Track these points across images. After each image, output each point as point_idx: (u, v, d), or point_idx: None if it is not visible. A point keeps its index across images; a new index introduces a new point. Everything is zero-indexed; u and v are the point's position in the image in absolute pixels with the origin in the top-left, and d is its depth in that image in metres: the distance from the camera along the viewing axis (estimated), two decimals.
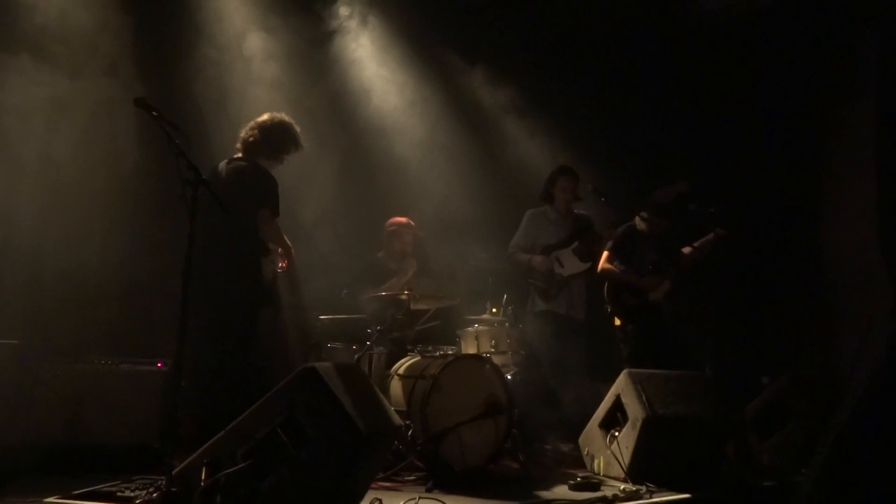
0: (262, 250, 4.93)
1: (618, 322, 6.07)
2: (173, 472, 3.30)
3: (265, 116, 5.19)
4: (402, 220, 6.37)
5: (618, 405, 4.87)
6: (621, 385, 4.89)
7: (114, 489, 3.80)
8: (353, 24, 6.96)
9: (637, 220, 6.11)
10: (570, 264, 6.09)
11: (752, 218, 7.23)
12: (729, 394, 5.32)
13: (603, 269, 6.11)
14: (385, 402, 4.16)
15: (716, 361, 6.16)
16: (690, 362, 5.95)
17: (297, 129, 5.23)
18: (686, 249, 6.09)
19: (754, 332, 7.38)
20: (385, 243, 6.38)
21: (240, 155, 5.15)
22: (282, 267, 5.01)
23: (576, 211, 6.31)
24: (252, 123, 5.18)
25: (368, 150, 6.92)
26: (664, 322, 6.03)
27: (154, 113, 3.76)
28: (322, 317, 5.68)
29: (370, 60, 7.05)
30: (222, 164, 5.09)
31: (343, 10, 6.92)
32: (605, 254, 6.15)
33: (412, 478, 4.61)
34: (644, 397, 4.69)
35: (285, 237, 5.02)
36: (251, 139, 5.11)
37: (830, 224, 7.57)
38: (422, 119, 7.01)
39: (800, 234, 7.67)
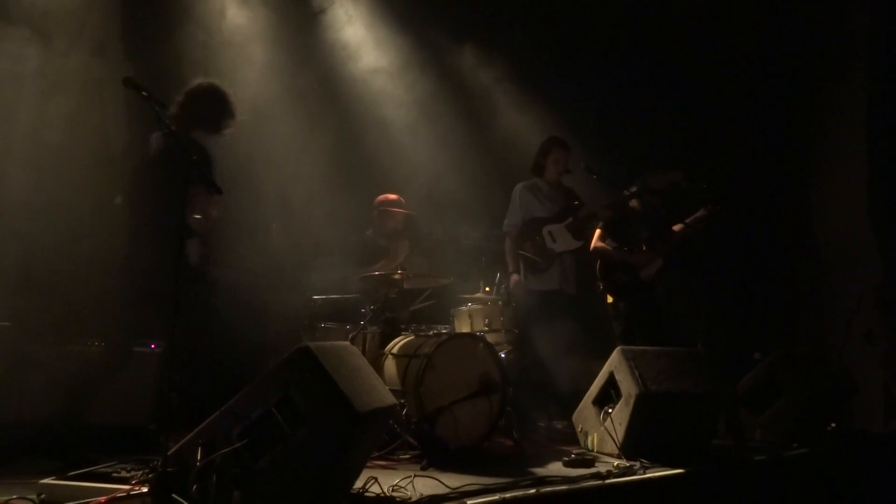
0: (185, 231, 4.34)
1: (610, 299, 6.09)
2: (169, 453, 3.31)
3: (193, 83, 4.71)
4: (393, 197, 6.30)
5: (611, 382, 4.90)
6: (614, 362, 4.92)
7: (110, 470, 3.81)
8: (341, 2, 6.92)
9: (632, 201, 6.12)
10: (563, 240, 6.06)
11: (743, 195, 7.26)
12: (721, 369, 5.37)
13: (595, 247, 6.12)
14: (379, 381, 4.17)
15: (708, 338, 6.19)
16: (683, 339, 5.99)
17: (230, 95, 4.72)
18: (677, 226, 6.11)
19: (746, 308, 7.42)
20: (375, 222, 6.33)
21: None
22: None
23: (569, 186, 6.28)
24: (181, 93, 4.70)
25: (359, 130, 6.89)
26: (656, 299, 6.06)
27: (144, 93, 3.74)
28: (316, 297, 5.68)
29: (359, 39, 7.00)
30: (153, 136, 4.56)
31: None
32: (598, 232, 6.15)
33: (407, 456, 4.64)
34: (637, 374, 4.73)
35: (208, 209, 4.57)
36: (176, 110, 4.57)
37: (821, 201, 7.61)
38: (413, 98, 6.98)
39: (791, 211, 7.70)
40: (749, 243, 7.61)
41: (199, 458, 3.27)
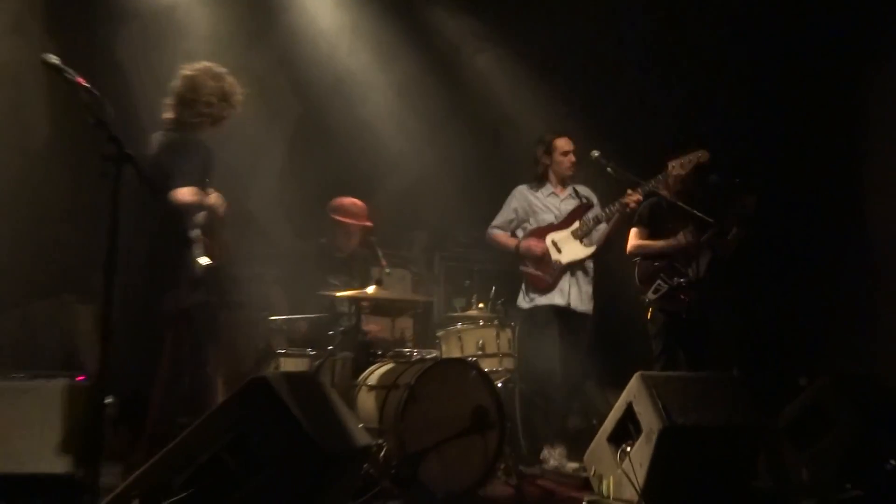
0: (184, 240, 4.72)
1: (649, 314, 6.09)
2: None
3: (184, 69, 4.88)
4: (349, 203, 6.25)
5: (629, 415, 4.88)
6: (633, 391, 4.89)
7: None
8: None
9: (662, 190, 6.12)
10: (570, 249, 6.05)
11: (783, 191, 7.26)
12: (760, 398, 5.35)
13: (634, 247, 6.14)
14: (352, 417, 4.18)
15: (744, 360, 6.19)
16: (715, 362, 5.99)
17: (229, 78, 4.93)
18: (730, 234, 6.12)
19: (788, 325, 7.42)
20: (329, 232, 6.31)
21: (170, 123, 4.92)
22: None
23: (576, 186, 6.29)
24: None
25: (325, 116, 6.93)
26: (706, 309, 6.05)
27: (67, 75, 3.71)
28: (273, 317, 5.68)
29: (327, 11, 7.03)
30: (155, 135, 4.89)
31: None
32: (633, 230, 6.17)
33: None
34: (660, 404, 4.70)
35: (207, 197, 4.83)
36: (169, 104, 4.84)
37: (876, 197, 7.60)
38: (387, 76, 7.00)
39: (840, 208, 7.69)
40: (791, 248, 7.61)
41: None
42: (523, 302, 6.12)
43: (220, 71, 4.91)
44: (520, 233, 6.23)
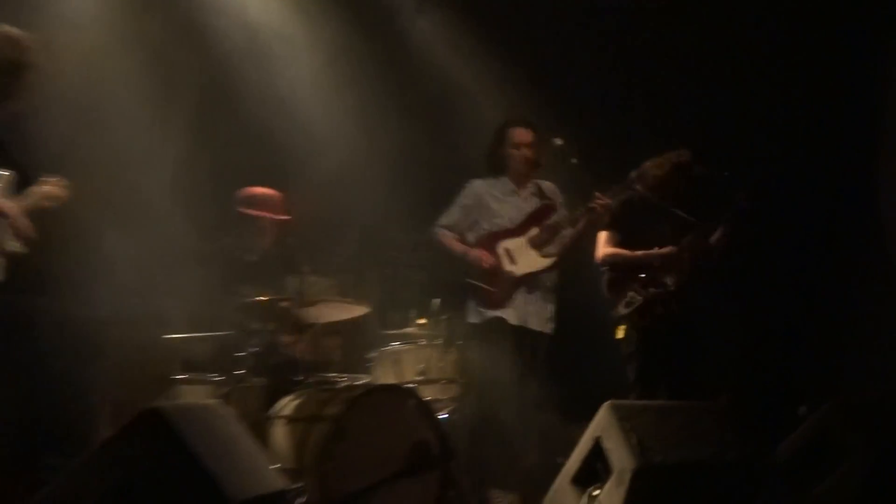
0: None
1: (621, 333, 6.11)
2: None
3: None
4: (261, 192, 6.24)
5: (597, 452, 4.89)
6: (602, 424, 4.91)
7: None
8: None
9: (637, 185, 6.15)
10: (526, 260, 6.05)
11: (783, 187, 7.34)
12: (754, 429, 5.40)
13: (605, 256, 6.15)
14: (264, 456, 4.19)
15: (736, 385, 6.25)
16: (702, 388, 6.03)
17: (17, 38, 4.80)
18: (714, 236, 6.17)
19: (786, 343, 7.50)
20: (237, 228, 6.28)
21: None
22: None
23: (539, 182, 6.30)
24: None
25: (234, 91, 6.90)
26: (692, 323, 6.08)
27: None
28: (169, 336, 5.65)
29: None
30: None
31: None
32: (603, 235, 6.18)
33: None
34: (634, 440, 4.72)
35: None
36: None
37: (893, 191, 7.70)
38: (310, 42, 6.97)
39: (849, 206, 7.78)
40: (789, 254, 7.69)
41: None
42: (472, 316, 6.11)
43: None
44: (473, 236, 6.22)
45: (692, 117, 7.22)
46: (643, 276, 6.04)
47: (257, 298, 5.60)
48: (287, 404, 5.25)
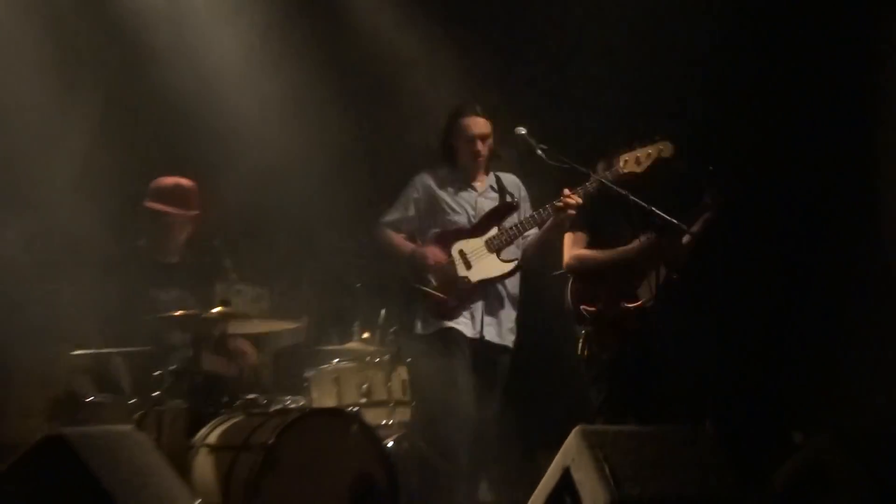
0: None
1: (584, 351, 6.10)
2: None
3: None
4: (172, 183, 6.19)
5: (566, 484, 4.90)
6: (571, 452, 4.92)
7: None
8: None
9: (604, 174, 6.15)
10: (483, 265, 5.98)
11: (772, 185, 7.39)
12: (742, 458, 5.44)
13: (573, 259, 6.14)
14: (185, 489, 4.17)
15: (721, 409, 6.28)
16: (682, 411, 6.06)
17: None
18: (684, 238, 6.20)
19: (778, 362, 7.55)
20: (145, 227, 6.26)
21: None
22: None
23: (499, 174, 6.28)
24: None
25: (150, 75, 6.87)
26: (664, 342, 6.10)
27: None
28: (76, 352, 5.59)
29: None
30: None
31: None
32: (568, 237, 6.17)
33: None
34: (607, 469, 4.74)
35: None
36: None
37: (893, 194, 7.78)
38: (238, 19, 6.96)
39: (846, 209, 7.84)
40: (780, 261, 7.74)
41: None
42: (420, 326, 6.00)
43: None
44: (422, 235, 6.15)
45: (673, 107, 7.25)
46: (613, 285, 6.07)
47: (178, 311, 5.57)
48: (211, 431, 5.24)
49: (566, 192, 5.87)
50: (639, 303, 6.03)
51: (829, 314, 7.73)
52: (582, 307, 6.03)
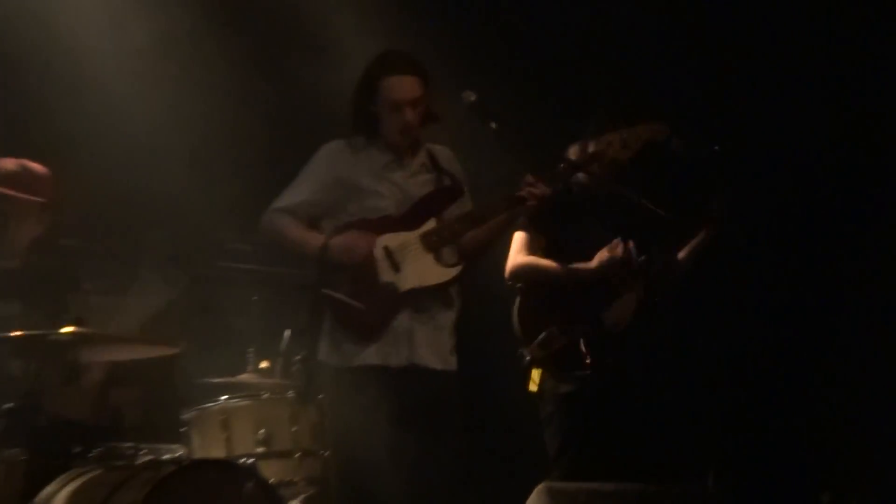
0: None
1: (534, 385, 6.12)
2: None
3: None
4: (16, 167, 6.17)
5: None
6: None
7: None
8: None
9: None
10: (416, 267, 5.84)
11: (783, 183, 7.52)
12: None
13: (517, 266, 6.17)
14: None
15: (726, 464, 6.35)
16: (676, 466, 6.12)
17: None
18: (680, 253, 6.27)
19: (793, 399, 7.64)
20: None
21: None
22: None
23: (433, 149, 6.19)
24: None
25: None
26: (634, 379, 6.15)
27: None
28: None
29: None
30: None
31: None
32: (519, 236, 6.20)
33: None
34: None
35: None
36: None
37: None
38: None
39: (873, 212, 7.98)
40: (797, 273, 7.85)
41: None
42: (329, 355, 5.92)
43: None
44: (332, 225, 6.01)
45: (663, 81, 7.36)
46: (571, 304, 6.10)
47: (16, 331, 5.53)
48: (59, 490, 5.23)
49: (530, 178, 5.77)
50: (601, 326, 6.07)
51: (855, 342, 7.84)
52: (533, 329, 6.09)
